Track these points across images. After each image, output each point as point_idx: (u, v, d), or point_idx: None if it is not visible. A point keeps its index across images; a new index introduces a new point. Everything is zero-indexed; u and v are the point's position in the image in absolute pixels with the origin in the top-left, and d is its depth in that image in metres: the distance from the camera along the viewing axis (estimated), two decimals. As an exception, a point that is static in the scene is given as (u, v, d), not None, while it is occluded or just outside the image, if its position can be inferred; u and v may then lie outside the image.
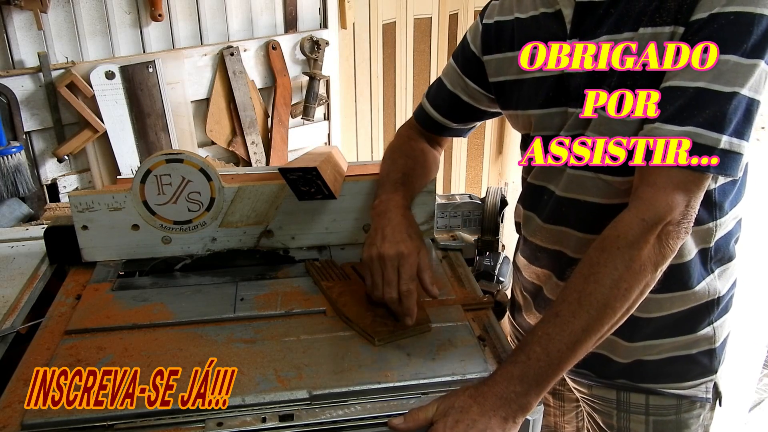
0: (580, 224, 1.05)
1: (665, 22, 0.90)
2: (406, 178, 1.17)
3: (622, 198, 0.96)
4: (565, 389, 1.28)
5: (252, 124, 2.15)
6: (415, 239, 1.04)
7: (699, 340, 1.08)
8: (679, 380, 1.09)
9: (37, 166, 1.84)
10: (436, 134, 1.28)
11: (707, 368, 1.09)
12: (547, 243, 1.11)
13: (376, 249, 1.03)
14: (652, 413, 1.11)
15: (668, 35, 0.89)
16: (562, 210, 1.06)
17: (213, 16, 2.04)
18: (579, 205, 1.04)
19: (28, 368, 0.96)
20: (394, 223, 1.06)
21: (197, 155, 1.18)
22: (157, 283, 1.18)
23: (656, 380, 1.10)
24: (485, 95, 1.19)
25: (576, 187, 1.03)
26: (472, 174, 3.08)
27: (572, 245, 1.07)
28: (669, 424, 1.12)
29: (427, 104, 1.26)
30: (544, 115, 1.05)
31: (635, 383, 1.11)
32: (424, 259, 1.03)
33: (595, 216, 1.01)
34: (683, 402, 1.10)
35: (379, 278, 1.02)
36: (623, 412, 1.13)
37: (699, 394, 1.10)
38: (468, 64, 1.18)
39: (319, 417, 0.87)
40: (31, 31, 1.74)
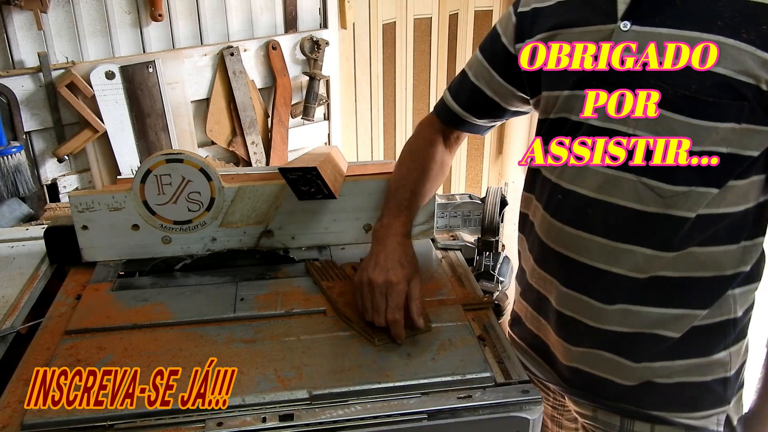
0: (607, 230, 0.98)
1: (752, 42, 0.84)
2: (413, 199, 1.15)
3: (664, 208, 0.93)
4: (564, 418, 1.25)
5: (252, 124, 2.15)
6: (406, 268, 1.03)
7: (713, 365, 1.02)
8: (689, 409, 1.03)
9: (37, 166, 1.84)
10: (454, 127, 1.23)
11: (720, 398, 1.03)
12: (561, 247, 1.04)
13: (366, 274, 1.03)
14: None
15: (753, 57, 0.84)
16: (588, 213, 0.99)
17: (213, 16, 2.04)
18: (610, 209, 0.97)
19: (28, 368, 0.96)
20: (388, 250, 1.05)
21: (197, 155, 1.18)
22: (157, 283, 1.18)
23: (665, 407, 1.04)
24: (510, 91, 1.14)
25: (611, 188, 0.96)
26: (472, 174, 3.08)
27: (593, 253, 1.00)
28: None
29: (448, 96, 1.22)
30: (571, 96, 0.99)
31: (641, 409, 1.05)
32: (415, 288, 1.02)
33: (628, 223, 0.96)
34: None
35: (368, 303, 1.02)
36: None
37: (710, 426, 1.03)
38: (496, 56, 1.13)
39: (319, 417, 0.87)
40: (31, 31, 1.74)
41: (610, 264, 0.98)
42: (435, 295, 1.13)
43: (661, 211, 0.93)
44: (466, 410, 0.90)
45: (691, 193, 0.92)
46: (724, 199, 0.93)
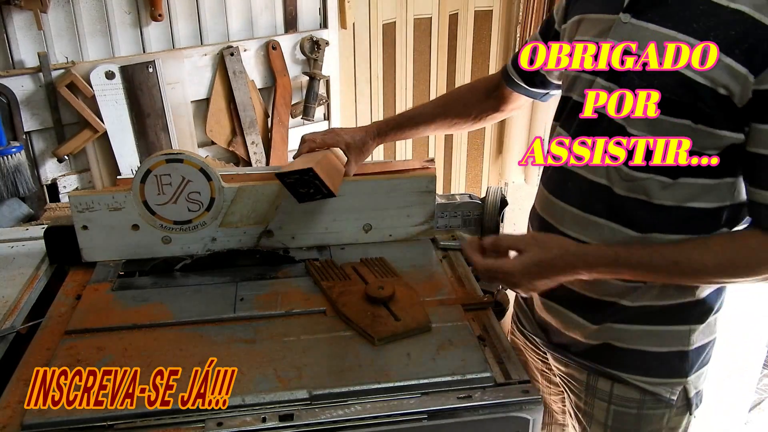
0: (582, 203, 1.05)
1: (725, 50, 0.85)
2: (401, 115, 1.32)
3: (627, 191, 0.97)
4: (551, 373, 1.27)
5: (252, 124, 2.15)
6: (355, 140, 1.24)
7: (671, 337, 1.06)
8: (645, 374, 1.08)
9: (37, 166, 1.84)
10: (507, 86, 1.28)
11: (676, 369, 1.07)
12: (546, 214, 1.11)
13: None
14: (614, 402, 1.11)
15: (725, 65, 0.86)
16: (569, 185, 1.06)
17: (213, 16, 2.04)
18: (585, 184, 1.03)
19: (28, 368, 0.96)
20: (362, 126, 1.29)
21: (197, 155, 1.18)
22: (157, 283, 1.18)
23: (623, 368, 1.09)
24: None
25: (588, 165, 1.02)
26: (472, 174, 3.08)
27: (567, 221, 1.06)
28: (629, 417, 1.11)
29: (510, 57, 1.27)
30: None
31: (603, 367, 1.10)
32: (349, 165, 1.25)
33: (600, 199, 1.01)
34: (647, 398, 1.09)
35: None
36: (590, 396, 1.13)
37: (664, 393, 1.08)
38: (549, 30, 1.17)
39: (319, 417, 0.87)
40: (31, 31, 1.74)
41: (580, 233, 1.04)
42: (435, 295, 1.13)
43: (625, 193, 0.98)
44: (466, 410, 0.90)
45: (650, 181, 0.96)
46: (690, 194, 0.95)
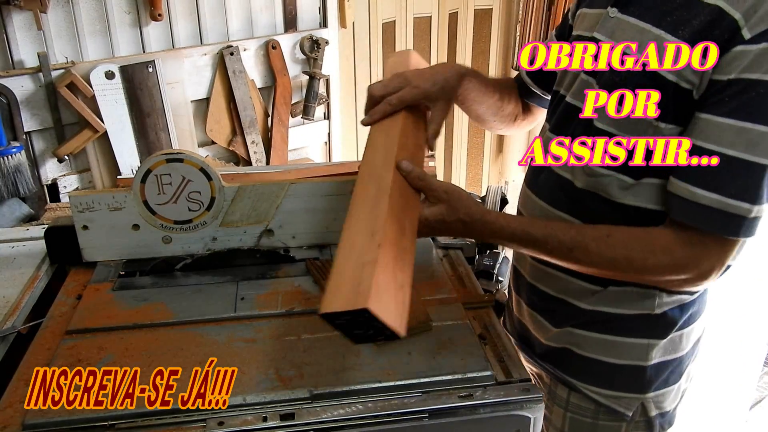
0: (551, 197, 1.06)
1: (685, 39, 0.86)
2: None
3: (587, 186, 0.98)
4: None
5: (252, 123, 2.15)
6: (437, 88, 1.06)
7: (628, 350, 1.04)
8: (601, 385, 1.06)
9: (37, 166, 1.85)
10: (524, 97, 1.26)
11: (631, 385, 1.05)
12: (521, 206, 1.13)
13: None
14: (570, 410, 1.10)
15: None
16: (540, 178, 1.07)
17: (213, 16, 2.04)
18: (554, 178, 1.04)
19: (28, 368, 0.96)
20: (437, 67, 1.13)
21: (197, 155, 1.18)
22: (157, 283, 1.18)
23: (580, 377, 1.08)
24: None
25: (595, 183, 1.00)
26: (473, 173, 3.08)
27: (536, 213, 1.08)
28: (584, 426, 1.09)
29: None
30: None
31: (561, 374, 1.09)
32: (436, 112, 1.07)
33: (565, 193, 1.03)
34: (601, 409, 1.07)
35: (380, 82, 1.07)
36: (550, 401, 1.13)
37: (618, 408, 1.06)
38: (564, 29, 1.16)
39: (320, 416, 0.87)
40: (31, 31, 1.74)
41: None
42: (435, 293, 1.13)
43: (587, 188, 0.99)
44: (467, 409, 0.90)
45: (611, 179, 0.96)
46: (650, 196, 0.95)
